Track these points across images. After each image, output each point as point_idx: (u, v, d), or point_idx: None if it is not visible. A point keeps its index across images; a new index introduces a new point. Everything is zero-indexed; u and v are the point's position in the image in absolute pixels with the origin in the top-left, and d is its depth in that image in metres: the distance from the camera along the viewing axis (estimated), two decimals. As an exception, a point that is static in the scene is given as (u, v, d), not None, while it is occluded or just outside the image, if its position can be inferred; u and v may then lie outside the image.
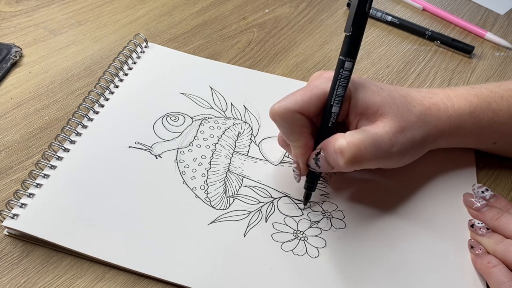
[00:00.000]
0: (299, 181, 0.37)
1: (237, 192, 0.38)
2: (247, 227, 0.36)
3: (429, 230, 0.36)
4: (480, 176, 0.41)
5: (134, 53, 0.48)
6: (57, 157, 0.38)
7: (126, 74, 0.46)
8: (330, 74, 0.34)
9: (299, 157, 0.35)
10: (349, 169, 0.33)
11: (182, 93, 0.45)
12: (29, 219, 0.34)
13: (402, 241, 0.36)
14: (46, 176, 0.37)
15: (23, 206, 0.35)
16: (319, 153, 0.34)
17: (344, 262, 0.34)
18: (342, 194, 0.38)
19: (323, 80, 0.34)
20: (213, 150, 0.40)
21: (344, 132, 0.33)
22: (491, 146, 0.40)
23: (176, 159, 0.39)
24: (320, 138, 0.34)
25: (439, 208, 0.38)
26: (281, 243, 0.35)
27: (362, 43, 0.54)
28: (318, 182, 0.37)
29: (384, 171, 0.38)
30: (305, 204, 0.37)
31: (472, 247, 0.35)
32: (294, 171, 0.36)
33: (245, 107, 0.44)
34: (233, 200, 0.37)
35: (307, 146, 0.34)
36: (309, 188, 0.36)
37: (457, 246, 0.35)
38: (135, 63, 0.48)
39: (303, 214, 0.37)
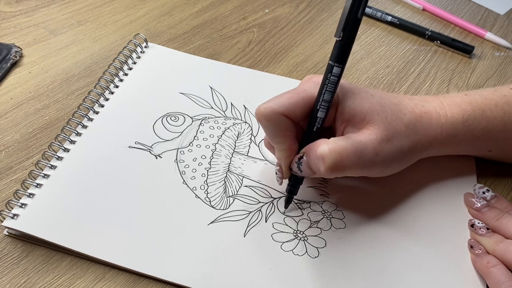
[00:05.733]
0: (281, 183, 0.37)
1: (237, 192, 0.38)
2: (247, 227, 0.36)
3: (429, 230, 0.36)
4: (480, 176, 0.41)
5: (134, 53, 0.48)
6: (57, 157, 0.38)
7: (126, 74, 0.46)
8: (320, 78, 0.33)
9: (282, 160, 0.34)
10: (330, 175, 0.33)
11: (182, 93, 0.45)
12: (29, 219, 0.34)
13: (402, 240, 0.36)
14: (46, 176, 0.37)
15: (23, 206, 0.35)
16: (301, 157, 0.33)
17: (344, 262, 0.34)
18: (342, 194, 0.38)
19: (311, 84, 0.34)
20: (213, 150, 0.40)
21: (330, 138, 0.33)
22: (486, 154, 0.40)
23: (176, 159, 0.39)
24: (305, 143, 0.34)
25: (439, 208, 0.38)
26: (281, 243, 0.35)
27: (362, 43, 0.54)
28: (320, 182, 0.37)
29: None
30: (286, 207, 0.37)
31: (472, 246, 0.35)
32: (276, 173, 0.36)
33: (245, 107, 0.44)
34: (233, 200, 0.37)
35: (290, 150, 0.34)
36: (291, 191, 0.36)
37: (457, 246, 0.35)
38: (135, 63, 0.48)
39: (303, 214, 0.37)
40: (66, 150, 0.39)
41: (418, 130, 0.35)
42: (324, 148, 0.32)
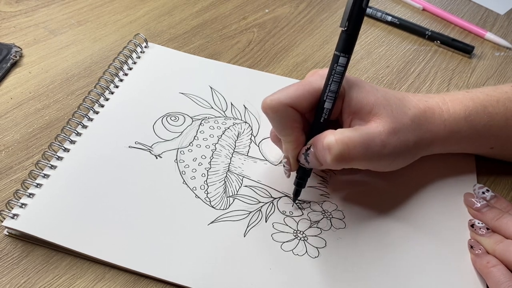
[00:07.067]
0: (289, 176, 0.37)
1: (237, 192, 0.38)
2: (247, 227, 0.36)
3: (429, 230, 0.36)
4: (480, 176, 0.41)
5: (134, 53, 0.48)
6: (57, 157, 0.38)
7: (126, 74, 0.46)
8: (325, 71, 0.33)
9: (290, 152, 0.35)
10: (337, 166, 0.33)
11: (182, 93, 0.45)
12: (29, 219, 0.34)
13: (402, 241, 0.36)
14: (46, 176, 0.37)
15: (23, 206, 0.35)
16: (309, 148, 0.34)
17: (344, 262, 0.34)
18: (342, 194, 0.38)
19: (317, 77, 0.34)
20: (213, 150, 0.40)
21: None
22: (488, 151, 0.40)
23: (176, 159, 0.39)
24: (312, 134, 0.34)
25: (439, 208, 0.38)
26: (281, 243, 0.35)
27: (362, 43, 0.54)
28: (320, 182, 0.37)
29: (383, 172, 0.38)
30: (294, 201, 0.37)
31: (472, 247, 0.35)
32: (284, 166, 0.36)
33: (245, 107, 0.44)
34: (233, 200, 0.37)
35: (297, 141, 0.34)
36: (299, 184, 0.36)
37: (457, 246, 0.35)
38: (135, 63, 0.48)
39: (303, 214, 0.37)
40: (66, 150, 0.39)
41: (422, 124, 0.35)
42: (331, 138, 0.32)
